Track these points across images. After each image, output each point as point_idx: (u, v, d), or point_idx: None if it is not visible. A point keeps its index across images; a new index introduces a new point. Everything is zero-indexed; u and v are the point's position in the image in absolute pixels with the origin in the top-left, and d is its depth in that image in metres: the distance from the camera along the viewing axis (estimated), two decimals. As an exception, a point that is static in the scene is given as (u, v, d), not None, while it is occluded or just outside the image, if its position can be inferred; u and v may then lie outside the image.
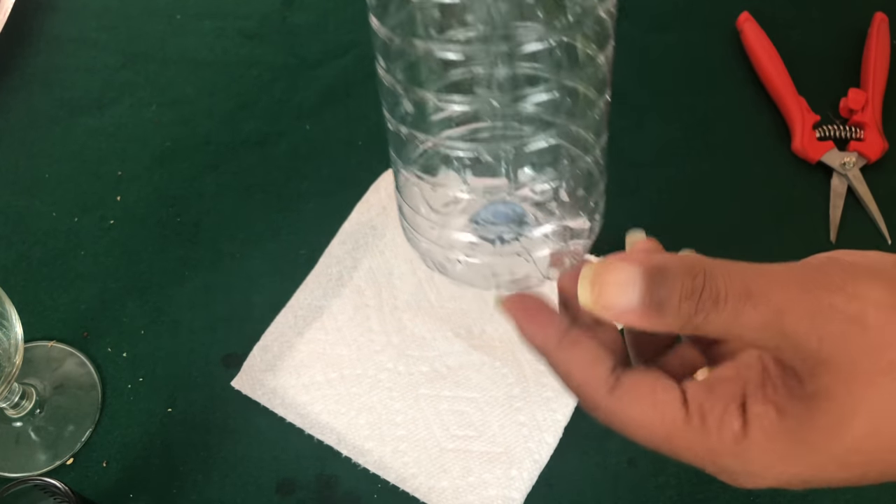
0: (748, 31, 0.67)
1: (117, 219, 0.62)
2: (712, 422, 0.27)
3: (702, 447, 0.27)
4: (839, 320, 0.24)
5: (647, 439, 0.27)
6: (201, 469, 0.53)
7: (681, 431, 0.27)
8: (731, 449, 0.26)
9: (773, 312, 0.24)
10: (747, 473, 0.26)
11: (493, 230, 0.30)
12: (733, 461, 0.26)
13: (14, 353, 0.48)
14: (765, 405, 0.26)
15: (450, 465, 0.52)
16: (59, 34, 0.70)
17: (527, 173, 0.29)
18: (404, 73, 0.27)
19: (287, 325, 0.57)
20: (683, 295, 0.25)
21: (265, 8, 0.71)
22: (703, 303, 0.25)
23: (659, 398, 0.27)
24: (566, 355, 0.29)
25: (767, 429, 0.26)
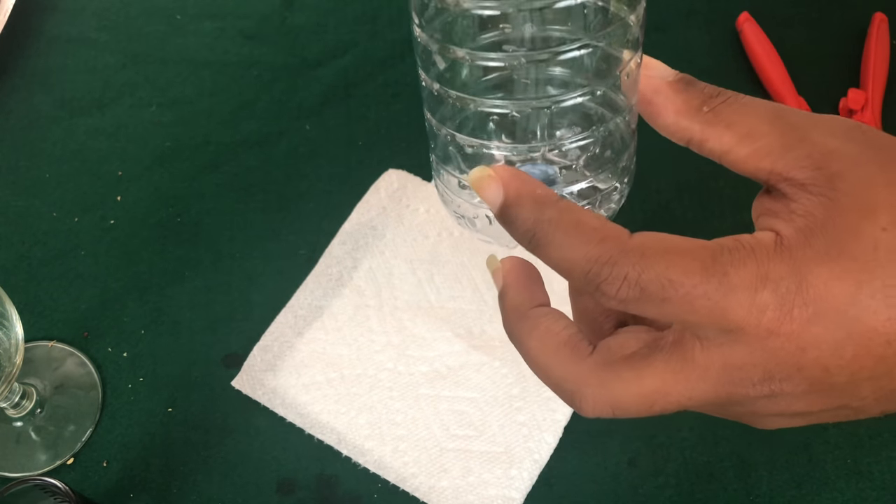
0: (748, 31, 0.67)
1: (117, 219, 0.62)
2: (747, 240, 0.25)
3: (750, 266, 0.24)
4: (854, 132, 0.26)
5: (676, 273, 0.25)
6: (201, 469, 0.53)
7: (716, 253, 0.25)
8: (772, 254, 0.24)
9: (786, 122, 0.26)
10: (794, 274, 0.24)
11: None
12: (779, 266, 0.24)
13: (14, 353, 0.48)
14: (786, 227, 0.25)
15: (450, 465, 0.52)
16: (60, 34, 0.70)
17: (557, 134, 0.29)
18: (439, 30, 0.27)
19: (287, 325, 0.57)
20: (708, 91, 0.28)
21: (265, 8, 0.71)
22: (719, 99, 0.27)
23: (683, 241, 0.26)
24: (571, 206, 0.27)
25: (800, 227, 0.25)
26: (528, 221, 0.27)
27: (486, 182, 0.27)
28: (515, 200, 0.27)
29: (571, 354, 0.28)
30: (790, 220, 0.25)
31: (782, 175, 0.26)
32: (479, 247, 0.59)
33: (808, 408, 0.26)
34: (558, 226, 0.26)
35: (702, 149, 0.28)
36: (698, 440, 0.54)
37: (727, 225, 0.60)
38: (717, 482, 0.53)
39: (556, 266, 0.26)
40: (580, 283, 0.26)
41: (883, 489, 0.52)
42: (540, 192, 0.27)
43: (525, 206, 0.27)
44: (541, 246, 0.26)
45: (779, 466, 0.53)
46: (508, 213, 0.27)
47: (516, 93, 0.28)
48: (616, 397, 0.27)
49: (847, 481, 0.52)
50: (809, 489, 0.52)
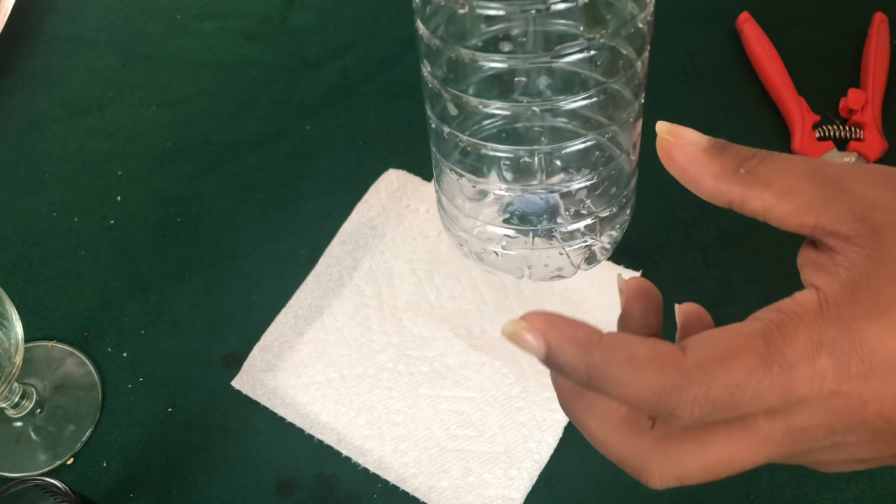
0: (748, 32, 0.67)
1: (117, 219, 0.62)
2: (789, 309, 0.25)
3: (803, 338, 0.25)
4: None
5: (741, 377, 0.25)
6: (201, 469, 0.53)
7: (767, 337, 0.25)
8: (819, 316, 0.25)
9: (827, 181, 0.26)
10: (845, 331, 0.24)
11: (527, 221, 0.30)
12: (829, 329, 0.25)
13: (14, 353, 0.48)
14: (831, 282, 0.25)
15: (450, 465, 0.52)
16: (60, 34, 0.70)
17: (561, 169, 0.29)
18: (446, 75, 0.28)
19: (287, 325, 0.57)
20: (743, 153, 0.28)
21: (265, 8, 0.71)
22: (755, 160, 0.28)
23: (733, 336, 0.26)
24: (616, 338, 0.27)
25: (845, 281, 0.25)
26: (579, 368, 0.26)
27: (523, 336, 0.27)
28: (559, 349, 0.27)
29: (632, 431, 0.28)
30: (835, 274, 0.25)
31: (826, 229, 0.26)
32: (479, 247, 0.60)
33: (872, 455, 0.26)
34: (611, 366, 0.26)
35: (744, 209, 0.28)
36: (698, 440, 0.54)
37: (727, 225, 0.60)
38: (717, 482, 0.52)
39: (621, 401, 0.27)
40: (650, 413, 0.26)
41: (883, 489, 0.52)
42: (580, 334, 0.27)
43: (570, 353, 0.27)
44: (600, 389, 0.26)
45: (779, 466, 0.53)
46: (556, 362, 0.27)
47: (524, 140, 0.28)
48: (681, 470, 0.27)
49: (847, 481, 0.52)
50: (809, 489, 0.52)
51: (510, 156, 0.29)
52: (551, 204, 0.30)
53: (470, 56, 0.27)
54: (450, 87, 0.28)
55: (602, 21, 0.26)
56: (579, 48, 0.26)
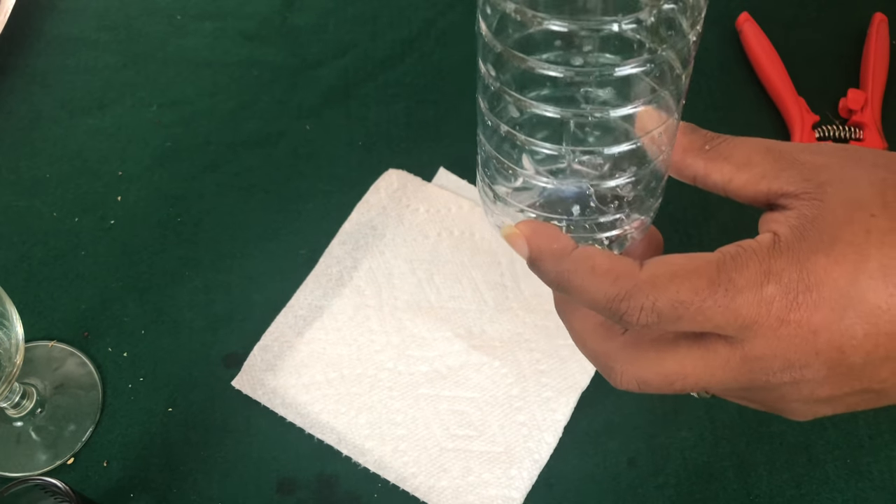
0: (748, 32, 0.67)
1: (118, 219, 0.62)
2: (747, 244, 0.28)
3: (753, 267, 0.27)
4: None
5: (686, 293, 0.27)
6: (202, 469, 0.53)
7: (720, 264, 0.27)
8: (770, 251, 0.27)
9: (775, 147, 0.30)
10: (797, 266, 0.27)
11: (563, 209, 0.32)
12: (779, 261, 0.27)
13: (15, 353, 0.48)
14: (784, 227, 0.28)
15: (450, 465, 0.52)
16: (60, 34, 0.70)
17: (603, 167, 0.31)
18: (507, 78, 0.30)
19: (287, 324, 0.57)
20: (708, 135, 0.32)
21: (265, 9, 0.71)
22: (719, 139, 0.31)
23: (689, 255, 0.28)
24: (583, 251, 0.30)
25: (796, 225, 0.27)
26: (550, 273, 0.30)
27: (512, 239, 0.31)
28: (538, 255, 0.31)
29: (606, 333, 0.31)
30: (787, 223, 0.28)
31: (777, 192, 0.29)
32: (479, 246, 0.60)
33: (832, 392, 0.28)
34: (575, 274, 0.29)
35: (706, 182, 0.32)
36: (698, 440, 0.54)
37: (726, 224, 0.60)
38: (717, 482, 0.53)
39: (584, 305, 0.30)
40: (606, 316, 0.29)
41: (882, 489, 0.52)
42: (556, 245, 0.30)
43: (546, 261, 0.30)
44: (568, 293, 0.30)
45: (778, 466, 0.53)
46: (535, 267, 0.31)
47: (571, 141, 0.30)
48: (641, 373, 0.30)
49: (847, 481, 0.52)
50: (809, 489, 0.52)
51: (555, 154, 0.31)
52: (583, 190, 0.32)
53: (532, 65, 0.28)
54: (508, 90, 0.30)
55: (663, 38, 0.28)
56: (639, 64, 0.28)
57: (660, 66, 0.28)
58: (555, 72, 0.28)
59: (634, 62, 0.28)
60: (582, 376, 0.55)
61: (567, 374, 0.55)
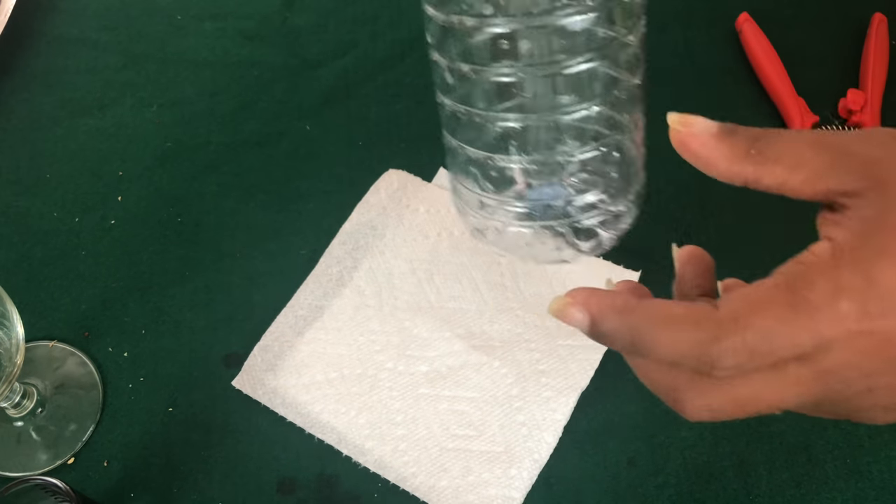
0: (747, 32, 0.67)
1: (118, 219, 0.62)
2: (806, 260, 0.27)
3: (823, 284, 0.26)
4: None
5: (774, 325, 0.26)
6: (202, 468, 0.54)
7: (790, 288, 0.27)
8: (833, 262, 0.26)
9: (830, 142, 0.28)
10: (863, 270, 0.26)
11: (540, 208, 0.32)
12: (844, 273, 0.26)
13: (15, 353, 0.48)
14: (842, 232, 0.27)
15: (450, 465, 0.52)
16: (60, 35, 0.70)
17: (566, 142, 0.31)
18: (458, 54, 0.30)
19: (287, 324, 0.57)
20: (751, 134, 0.30)
21: (266, 9, 0.71)
22: (763, 140, 0.29)
23: (758, 290, 0.27)
24: (653, 305, 0.29)
25: (855, 229, 0.27)
26: (621, 331, 0.29)
27: (568, 311, 0.30)
28: (601, 318, 0.29)
29: (671, 367, 0.30)
30: (846, 225, 0.27)
31: (836, 191, 0.28)
32: (479, 246, 0.60)
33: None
34: (650, 329, 0.28)
35: (759, 186, 0.30)
36: (698, 440, 0.54)
37: (726, 224, 0.60)
38: (717, 482, 0.53)
39: (666, 361, 0.29)
40: (695, 368, 0.28)
41: (882, 489, 0.52)
42: (619, 302, 0.29)
43: (612, 320, 0.29)
44: (643, 351, 0.29)
45: (778, 466, 0.53)
46: (599, 332, 0.30)
47: (526, 109, 0.30)
48: (712, 403, 0.29)
49: (846, 481, 0.52)
50: (809, 489, 0.52)
51: (517, 127, 0.30)
52: (562, 192, 0.31)
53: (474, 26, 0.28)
54: (459, 62, 0.30)
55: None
56: (576, 11, 0.28)
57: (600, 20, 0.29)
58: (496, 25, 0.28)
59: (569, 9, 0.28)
60: (582, 376, 0.55)
61: (567, 373, 0.55)
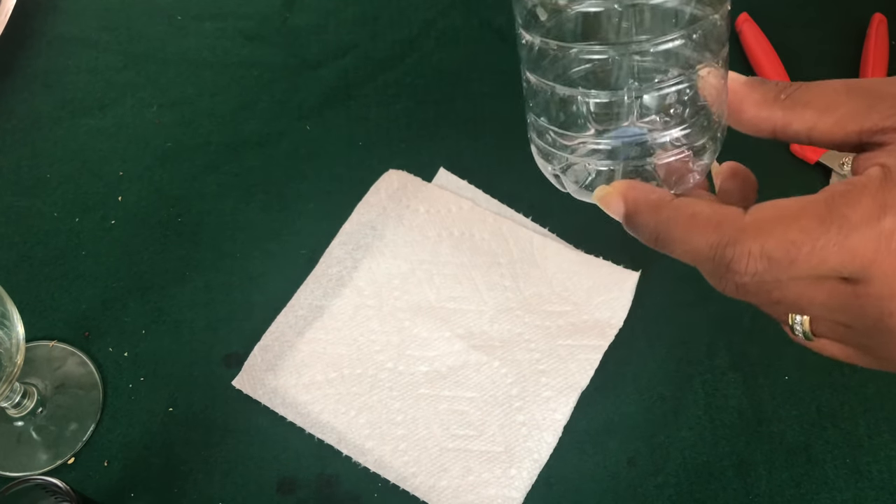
0: (747, 32, 0.67)
1: (118, 219, 0.62)
2: (856, 181, 0.26)
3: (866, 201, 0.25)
4: None
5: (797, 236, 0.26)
6: (202, 468, 0.54)
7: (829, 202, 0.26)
8: (883, 184, 0.25)
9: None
10: None
11: (620, 150, 0.32)
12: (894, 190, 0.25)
13: (15, 353, 0.48)
14: (887, 156, 0.26)
15: (450, 465, 0.53)
16: (61, 35, 0.70)
17: (653, 111, 0.31)
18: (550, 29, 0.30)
19: (287, 324, 0.57)
20: (780, 84, 0.30)
21: (266, 9, 0.71)
22: (792, 87, 0.29)
23: (795, 201, 0.27)
24: (682, 201, 0.29)
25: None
26: (649, 225, 0.29)
27: (607, 198, 0.30)
28: (634, 209, 0.30)
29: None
30: (893, 154, 0.26)
31: (872, 130, 0.27)
32: (479, 247, 0.60)
33: None
34: (676, 224, 0.28)
35: (787, 133, 0.30)
36: (697, 439, 0.54)
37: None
38: (717, 481, 0.53)
39: (684, 259, 0.29)
40: (710, 269, 0.28)
41: (882, 489, 0.52)
42: (654, 196, 0.29)
43: (643, 213, 0.29)
44: (666, 244, 0.29)
45: (778, 466, 0.53)
46: (632, 222, 0.30)
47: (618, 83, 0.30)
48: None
49: (846, 481, 0.52)
50: (808, 488, 0.52)
51: (604, 100, 0.30)
52: (641, 136, 0.31)
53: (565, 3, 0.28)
54: (549, 39, 0.30)
55: None
56: None
57: None
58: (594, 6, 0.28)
59: None
60: (581, 376, 0.55)
61: (567, 373, 0.55)
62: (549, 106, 0.32)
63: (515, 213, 0.61)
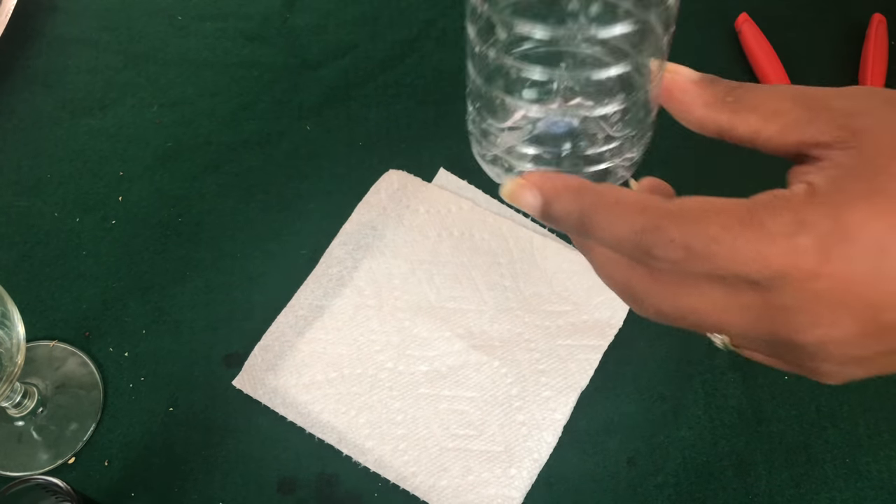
0: (747, 32, 0.67)
1: (119, 219, 0.62)
2: (782, 193, 0.26)
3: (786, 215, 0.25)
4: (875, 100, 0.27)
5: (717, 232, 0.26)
6: (203, 468, 0.54)
7: (753, 209, 0.26)
8: (805, 201, 0.25)
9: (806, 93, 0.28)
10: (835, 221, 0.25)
11: (552, 143, 0.31)
12: (814, 211, 0.25)
13: (16, 353, 0.48)
14: (819, 177, 0.26)
15: (450, 464, 0.53)
16: (61, 35, 0.70)
17: (588, 95, 0.30)
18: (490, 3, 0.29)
19: (288, 324, 0.57)
20: (731, 84, 0.30)
21: (266, 9, 0.71)
22: (742, 89, 0.29)
23: (719, 200, 0.27)
24: (605, 187, 0.28)
25: (832, 176, 0.26)
26: (571, 212, 0.29)
27: (520, 191, 0.30)
28: (554, 197, 0.29)
29: (629, 262, 0.30)
30: (822, 174, 0.26)
31: (810, 142, 0.27)
32: (479, 247, 0.60)
33: (863, 352, 0.26)
34: (600, 207, 0.28)
35: (732, 135, 0.29)
36: (697, 439, 0.54)
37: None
38: (717, 481, 0.53)
39: (608, 245, 0.28)
40: (633, 253, 0.28)
41: (881, 489, 0.52)
42: (574, 182, 0.29)
43: (564, 199, 0.29)
44: (589, 230, 0.28)
45: (777, 466, 0.53)
46: (551, 211, 0.29)
47: (559, 64, 0.29)
48: (659, 305, 0.29)
49: (846, 481, 0.52)
50: (808, 488, 0.52)
51: (543, 79, 0.30)
52: (572, 125, 0.31)
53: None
54: (497, 13, 0.29)
55: None
56: None
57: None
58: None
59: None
60: (581, 376, 0.55)
61: (567, 373, 0.55)
62: (487, 81, 0.32)
63: (515, 213, 0.61)
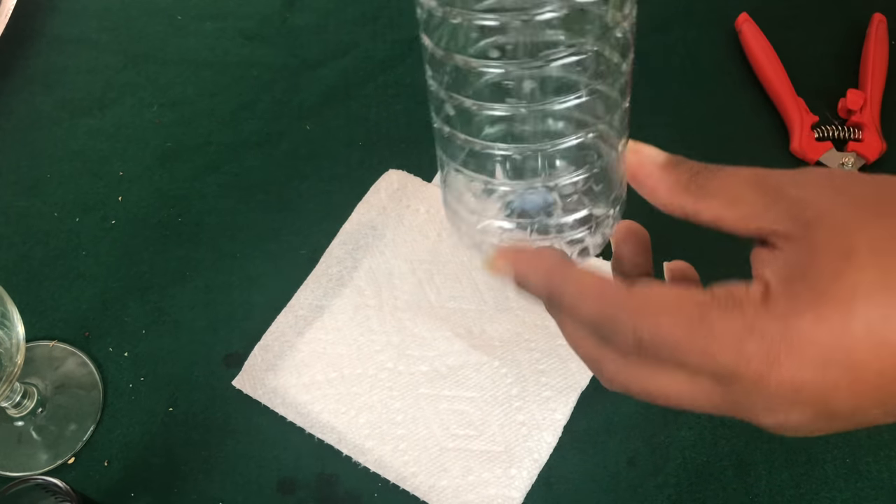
0: (747, 32, 0.67)
1: (118, 219, 0.62)
2: (738, 292, 0.27)
3: (736, 319, 0.26)
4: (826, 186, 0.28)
5: (667, 328, 0.28)
6: (202, 468, 0.54)
7: (705, 308, 0.27)
8: (758, 307, 0.26)
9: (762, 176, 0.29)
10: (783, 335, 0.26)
11: (526, 216, 0.33)
12: (764, 317, 0.26)
13: (16, 353, 0.48)
14: (773, 276, 0.27)
15: (450, 464, 0.53)
16: (61, 35, 0.70)
17: (558, 167, 0.32)
18: (448, 81, 0.31)
19: (288, 324, 0.57)
20: (694, 168, 0.31)
21: (266, 9, 0.71)
22: (704, 175, 0.30)
23: (678, 289, 0.28)
24: (571, 270, 0.30)
25: (784, 276, 0.27)
26: (540, 290, 0.32)
27: (495, 265, 0.33)
28: (525, 273, 0.32)
29: (598, 339, 0.32)
30: (776, 269, 0.27)
31: (767, 231, 0.28)
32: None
33: (820, 428, 0.28)
34: (565, 289, 0.30)
35: (697, 219, 0.31)
36: (697, 439, 0.54)
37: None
38: (717, 481, 0.53)
39: (575, 322, 0.31)
40: (596, 334, 0.31)
41: (881, 489, 0.52)
42: (543, 261, 0.31)
43: (533, 277, 0.32)
44: (558, 307, 0.31)
45: (778, 466, 0.53)
46: (524, 285, 0.32)
47: (520, 140, 0.31)
48: (625, 384, 0.31)
49: (846, 481, 0.52)
50: (808, 488, 0.52)
51: (507, 154, 0.31)
52: (548, 200, 0.32)
53: (466, 62, 0.29)
54: (452, 93, 0.31)
55: (583, 30, 0.29)
56: (564, 54, 0.28)
57: (590, 58, 0.29)
58: (490, 67, 0.29)
59: (557, 53, 0.28)
60: (582, 376, 0.55)
61: (567, 373, 0.55)
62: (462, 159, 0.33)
63: (515, 213, 0.61)
